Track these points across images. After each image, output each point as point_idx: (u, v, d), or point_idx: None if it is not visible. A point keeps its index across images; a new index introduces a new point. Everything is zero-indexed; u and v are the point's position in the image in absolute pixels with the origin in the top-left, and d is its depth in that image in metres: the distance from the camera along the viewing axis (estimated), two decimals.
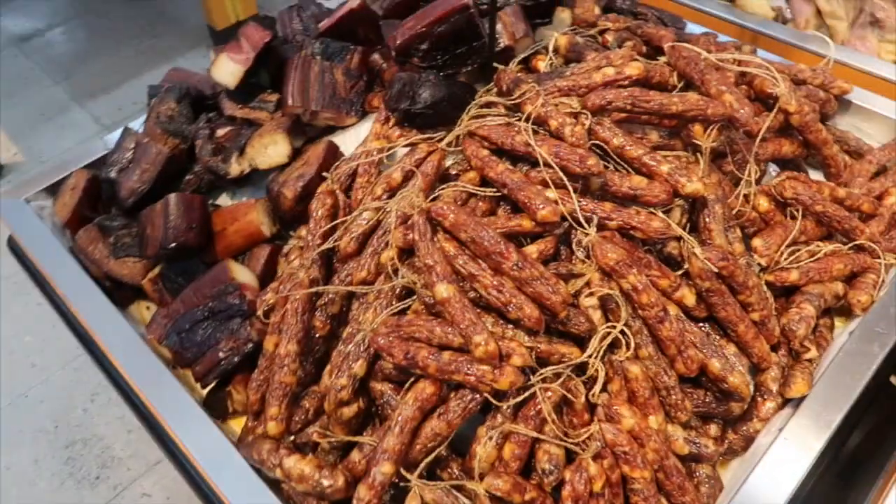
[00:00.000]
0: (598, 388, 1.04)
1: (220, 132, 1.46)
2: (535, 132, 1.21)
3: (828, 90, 1.59)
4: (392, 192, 1.22)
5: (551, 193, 1.14)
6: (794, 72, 1.61)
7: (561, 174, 1.13)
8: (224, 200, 1.51)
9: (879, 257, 1.34)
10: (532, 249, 1.12)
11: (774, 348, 1.23)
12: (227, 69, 1.47)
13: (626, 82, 1.26)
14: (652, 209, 1.16)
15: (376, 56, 1.58)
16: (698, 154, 1.24)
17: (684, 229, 1.21)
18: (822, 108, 1.59)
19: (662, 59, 1.38)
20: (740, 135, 1.28)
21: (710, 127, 1.21)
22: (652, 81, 1.31)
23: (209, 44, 4.13)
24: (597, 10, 1.71)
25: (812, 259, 1.29)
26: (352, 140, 1.48)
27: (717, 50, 1.61)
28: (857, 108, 1.67)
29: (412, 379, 1.08)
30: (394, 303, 1.12)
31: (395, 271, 1.12)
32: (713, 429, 1.17)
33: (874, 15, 1.86)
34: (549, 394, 1.02)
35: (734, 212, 1.27)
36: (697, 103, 1.18)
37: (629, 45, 1.43)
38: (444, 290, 1.01)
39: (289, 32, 1.74)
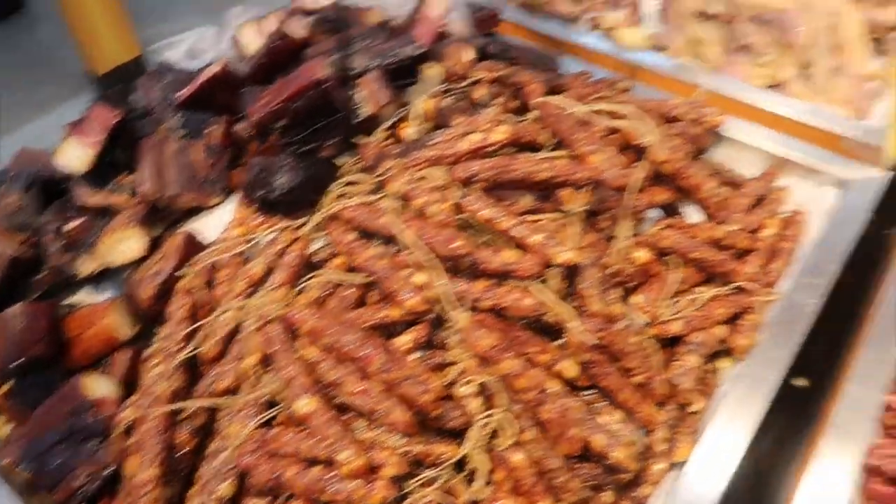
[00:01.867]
0: (478, 483, 0.99)
1: (71, 225, 1.35)
2: (403, 210, 1.16)
3: (701, 125, 1.61)
4: (255, 287, 1.15)
5: (420, 277, 1.09)
6: (668, 108, 1.61)
7: (428, 256, 1.08)
8: (84, 297, 1.39)
9: (758, 296, 1.35)
10: (404, 340, 1.07)
11: (663, 403, 1.22)
12: (74, 154, 1.37)
13: (494, 148, 1.22)
14: (526, 283, 1.13)
15: (242, 125, 1.50)
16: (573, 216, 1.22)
17: (565, 294, 1.19)
18: (698, 143, 1.60)
19: (533, 113, 1.35)
20: (612, 191, 1.26)
21: (580, 190, 1.18)
22: (522, 142, 1.28)
23: (93, 90, 3.90)
24: (471, 56, 1.68)
25: (694, 308, 1.29)
26: (217, 223, 1.39)
27: (590, 92, 1.60)
28: (732, 140, 1.69)
29: (287, 493, 1.02)
30: (261, 412, 1.04)
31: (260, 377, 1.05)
32: (605, 496, 1.15)
33: (744, 40, 1.90)
34: (429, 498, 0.97)
35: (613, 269, 1.25)
36: (564, 169, 1.16)
37: (498, 103, 1.40)
38: (304, 404, 0.94)
39: (150, 101, 1.64)
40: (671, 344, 1.31)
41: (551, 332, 1.18)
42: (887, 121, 1.54)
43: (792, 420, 1.25)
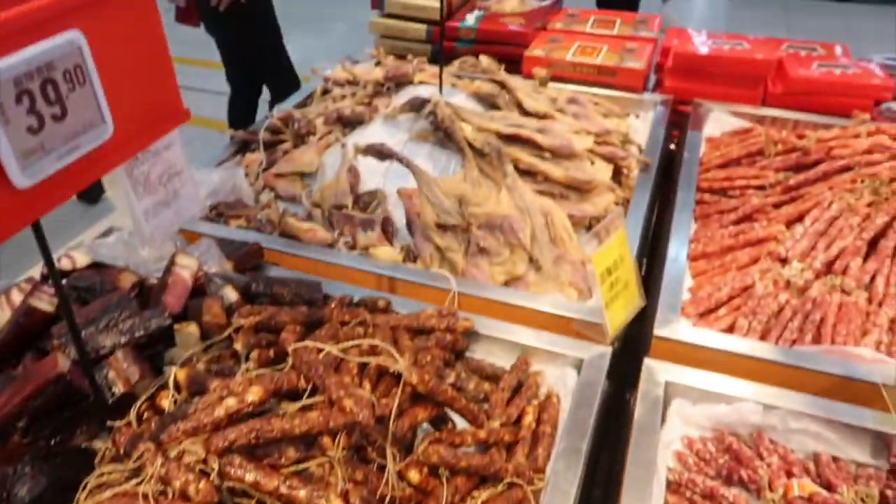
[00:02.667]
0: None
1: None
2: (164, 493, 1.13)
3: (454, 332, 1.78)
4: None
5: None
6: (422, 321, 1.77)
7: None
8: None
9: (529, 485, 1.46)
10: None
11: None
12: None
13: (251, 409, 1.26)
14: None
15: None
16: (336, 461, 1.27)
17: None
18: (455, 347, 1.76)
19: (289, 361, 1.42)
20: (375, 423, 1.34)
21: (338, 436, 1.25)
22: (282, 392, 1.33)
23: None
24: (232, 300, 1.74)
25: None
26: None
27: (350, 318, 1.72)
28: (486, 335, 1.87)
29: None
30: None
31: None
32: None
33: (480, 244, 2.17)
34: None
35: (388, 499, 1.30)
36: (318, 420, 1.22)
37: (253, 357, 1.46)
38: None
39: None
40: None
41: None
42: (601, 301, 1.81)
43: None
